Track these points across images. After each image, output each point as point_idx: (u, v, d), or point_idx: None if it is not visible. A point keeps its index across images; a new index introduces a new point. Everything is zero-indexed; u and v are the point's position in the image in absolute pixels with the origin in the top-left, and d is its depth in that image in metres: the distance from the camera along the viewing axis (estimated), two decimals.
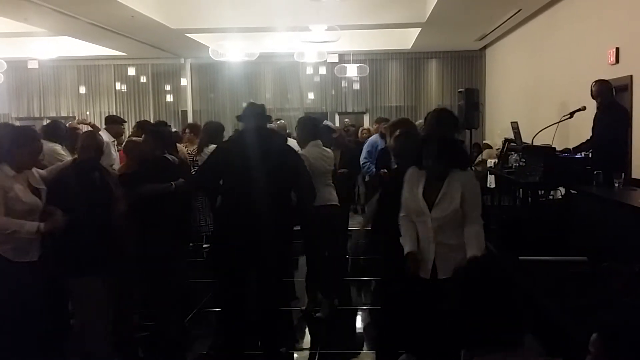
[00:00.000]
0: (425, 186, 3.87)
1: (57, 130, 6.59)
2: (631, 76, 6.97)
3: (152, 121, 15.44)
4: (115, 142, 7.92)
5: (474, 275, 2.29)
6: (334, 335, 5.59)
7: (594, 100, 6.49)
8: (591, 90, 6.52)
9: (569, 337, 2.84)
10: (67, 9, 9.57)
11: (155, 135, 5.37)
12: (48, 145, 5.80)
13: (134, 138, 6.03)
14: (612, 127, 6.25)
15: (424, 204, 3.83)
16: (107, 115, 10.85)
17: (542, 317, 3.23)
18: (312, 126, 6.01)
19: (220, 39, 12.00)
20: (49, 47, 12.34)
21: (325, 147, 6.06)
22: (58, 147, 6.25)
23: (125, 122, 8.74)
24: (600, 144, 6.18)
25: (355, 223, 9.05)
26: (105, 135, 7.28)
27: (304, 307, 6.06)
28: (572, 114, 6.44)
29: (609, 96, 6.39)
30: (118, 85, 16.55)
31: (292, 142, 6.18)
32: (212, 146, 6.30)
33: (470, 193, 3.82)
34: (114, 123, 8.22)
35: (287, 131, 9.56)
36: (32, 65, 14.15)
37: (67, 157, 5.91)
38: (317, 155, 5.74)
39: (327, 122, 8.12)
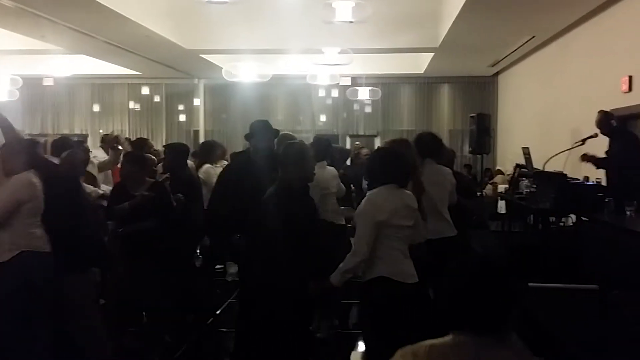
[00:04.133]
0: None
1: (64, 146, 6.58)
2: None
3: (164, 140, 15.72)
4: None
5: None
6: (334, 356, 5.51)
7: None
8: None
9: None
10: (83, 27, 9.67)
11: None
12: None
13: None
14: (623, 152, 6.15)
15: None
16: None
17: (551, 346, 3.18)
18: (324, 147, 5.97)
19: (234, 60, 12.06)
20: (65, 64, 12.47)
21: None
22: None
23: None
24: (613, 171, 6.12)
25: None
26: None
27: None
28: (584, 141, 6.43)
29: (609, 124, 6.32)
30: (132, 104, 16.64)
31: None
32: None
33: None
34: None
35: None
36: (47, 82, 14.27)
37: None
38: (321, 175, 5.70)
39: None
